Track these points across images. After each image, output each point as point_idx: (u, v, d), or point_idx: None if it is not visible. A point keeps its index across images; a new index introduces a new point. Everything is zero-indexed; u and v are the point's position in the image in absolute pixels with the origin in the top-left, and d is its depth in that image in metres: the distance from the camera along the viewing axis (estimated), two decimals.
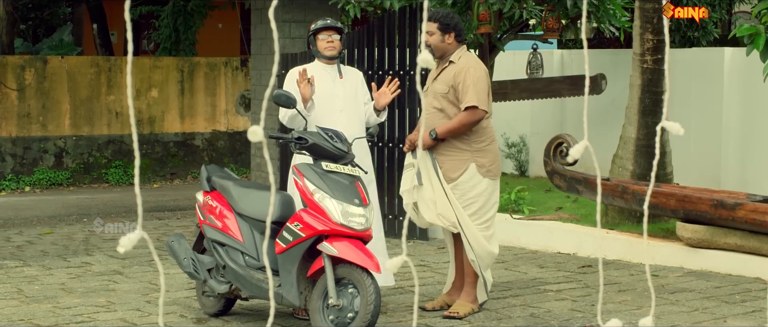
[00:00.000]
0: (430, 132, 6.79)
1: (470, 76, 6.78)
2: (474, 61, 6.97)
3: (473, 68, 6.83)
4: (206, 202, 6.88)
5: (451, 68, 6.89)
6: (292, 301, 6.27)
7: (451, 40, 6.91)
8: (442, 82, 6.90)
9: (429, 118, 6.94)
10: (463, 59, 6.91)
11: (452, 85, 6.83)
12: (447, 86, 6.86)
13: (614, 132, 11.24)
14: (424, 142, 6.83)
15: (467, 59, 6.94)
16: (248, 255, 6.58)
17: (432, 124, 6.89)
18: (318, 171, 6.33)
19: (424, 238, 10.16)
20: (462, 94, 6.78)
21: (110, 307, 7.37)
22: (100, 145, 15.54)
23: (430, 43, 6.88)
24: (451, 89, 6.84)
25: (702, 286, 7.91)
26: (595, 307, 7.26)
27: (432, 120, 6.90)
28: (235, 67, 16.52)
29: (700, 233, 8.49)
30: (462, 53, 6.95)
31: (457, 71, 6.83)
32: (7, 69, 14.80)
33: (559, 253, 9.45)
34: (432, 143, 6.83)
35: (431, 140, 6.81)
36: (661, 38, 9.63)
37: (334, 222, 6.14)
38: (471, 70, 6.80)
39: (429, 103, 6.95)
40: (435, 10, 7.14)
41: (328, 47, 7.12)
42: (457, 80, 6.81)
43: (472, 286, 6.98)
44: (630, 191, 8.99)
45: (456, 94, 6.83)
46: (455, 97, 6.84)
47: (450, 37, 6.90)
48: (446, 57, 6.93)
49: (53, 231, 11.04)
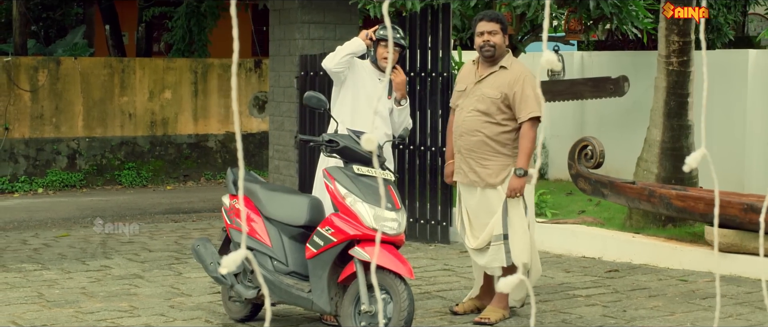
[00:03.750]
0: (517, 171, 6.62)
1: (529, 85, 6.67)
2: (527, 68, 6.92)
3: (530, 77, 6.75)
4: (233, 206, 6.76)
5: (503, 74, 6.78)
6: (322, 307, 6.15)
7: (507, 42, 6.90)
8: (492, 87, 6.78)
9: (469, 121, 6.82)
10: (516, 66, 6.84)
11: (506, 92, 6.71)
12: (500, 92, 6.73)
13: (637, 134, 11.11)
14: (517, 187, 6.63)
15: (520, 66, 6.87)
16: (277, 260, 6.46)
17: (475, 126, 6.78)
18: (349, 174, 6.21)
19: (446, 242, 10.03)
20: (522, 103, 6.67)
21: (133, 311, 7.26)
22: (113, 147, 15.44)
23: (495, 43, 6.79)
24: (503, 96, 6.72)
25: (733, 292, 7.78)
26: (626, 312, 7.14)
27: (476, 123, 6.78)
28: (249, 69, 16.42)
29: (730, 238, 8.36)
30: (512, 59, 6.89)
31: (513, 79, 6.72)
32: (20, 70, 14.70)
33: (583, 257, 9.32)
34: (523, 181, 6.65)
35: (522, 178, 6.64)
36: (687, 40, 9.50)
37: (367, 226, 6.02)
38: (529, 79, 6.71)
39: (469, 106, 6.83)
40: (488, 10, 7.08)
41: (385, 59, 7.20)
42: (514, 89, 6.69)
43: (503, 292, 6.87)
44: (657, 195, 8.86)
45: (508, 102, 6.71)
46: (507, 104, 6.72)
47: (506, 39, 6.89)
48: (497, 61, 6.84)
49: (69, 233, 10.93)
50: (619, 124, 12.34)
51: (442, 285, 8.16)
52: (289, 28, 11.46)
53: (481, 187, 6.81)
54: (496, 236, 6.74)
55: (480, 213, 6.84)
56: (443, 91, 9.89)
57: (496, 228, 6.74)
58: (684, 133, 9.62)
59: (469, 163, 6.85)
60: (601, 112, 12.89)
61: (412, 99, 9.41)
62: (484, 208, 6.82)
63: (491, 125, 6.75)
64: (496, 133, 6.75)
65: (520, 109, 6.70)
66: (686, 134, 9.64)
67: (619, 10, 10.75)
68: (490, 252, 6.78)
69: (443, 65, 9.99)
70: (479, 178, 6.80)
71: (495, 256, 6.75)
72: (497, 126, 6.75)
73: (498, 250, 6.73)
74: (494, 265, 6.79)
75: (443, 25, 9.95)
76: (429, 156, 10.12)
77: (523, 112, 6.69)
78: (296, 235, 6.47)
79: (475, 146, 6.81)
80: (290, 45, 11.47)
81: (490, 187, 6.76)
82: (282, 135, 11.71)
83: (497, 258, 6.74)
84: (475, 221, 6.89)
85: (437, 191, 10.07)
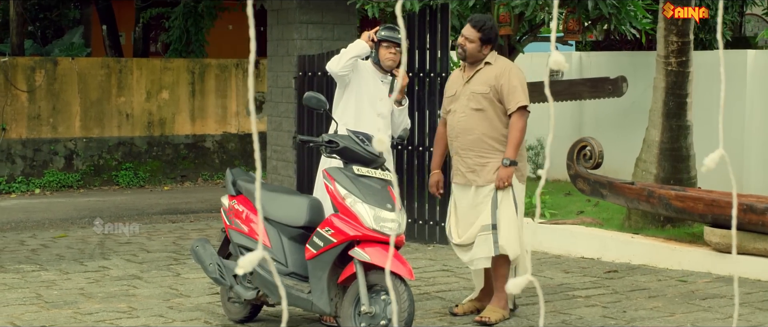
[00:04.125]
0: (504, 161, 6.68)
1: (515, 77, 6.82)
2: (510, 62, 7.10)
3: (515, 68, 6.95)
4: (232, 207, 6.74)
5: (488, 69, 6.88)
6: (322, 308, 6.14)
7: (487, 52, 6.94)
8: (480, 83, 6.85)
9: (464, 121, 6.86)
10: (501, 61, 6.99)
11: (494, 85, 6.81)
12: (487, 87, 6.82)
13: (635, 134, 11.11)
14: (505, 176, 6.67)
15: (505, 60, 7.07)
16: (276, 260, 6.44)
17: (470, 125, 6.82)
18: (349, 175, 6.20)
19: (445, 242, 10.00)
20: (509, 95, 6.76)
21: (132, 312, 7.24)
22: (110, 147, 15.41)
23: (467, 49, 6.86)
24: (492, 89, 6.81)
25: (733, 292, 7.76)
26: (626, 313, 7.13)
27: (470, 121, 6.82)
28: (246, 69, 16.39)
29: (729, 238, 8.35)
30: (495, 56, 6.98)
31: (498, 72, 6.83)
32: (17, 70, 14.67)
33: (582, 258, 9.31)
34: (511, 171, 6.69)
35: (508, 168, 6.68)
36: (686, 40, 9.50)
37: (366, 227, 6.00)
38: (514, 71, 6.89)
39: (462, 107, 6.88)
40: (478, 17, 7.04)
41: (390, 58, 7.18)
42: (500, 81, 6.79)
43: (503, 291, 6.85)
44: (656, 195, 8.86)
45: (498, 95, 6.79)
46: (498, 98, 6.80)
47: (487, 49, 6.93)
48: (480, 60, 6.91)
49: (67, 234, 10.90)
50: (617, 125, 12.33)
51: (442, 286, 8.15)
52: (287, 28, 11.44)
53: (476, 185, 6.81)
54: (485, 226, 6.71)
55: (470, 211, 6.84)
56: (442, 91, 9.84)
57: (484, 218, 6.72)
58: (683, 134, 9.62)
59: (467, 163, 6.85)
60: (599, 113, 12.88)
61: (410, 99, 9.41)
62: (474, 206, 6.81)
63: (485, 122, 6.81)
64: (491, 129, 6.79)
65: (508, 100, 6.79)
66: (685, 134, 9.63)
67: (617, 10, 10.72)
68: (477, 243, 6.74)
69: (442, 65, 9.98)
70: (477, 177, 6.80)
71: (482, 246, 6.71)
72: (491, 122, 6.80)
73: (485, 239, 6.70)
74: (480, 255, 6.75)
75: (442, 25, 9.94)
76: (427, 156, 10.10)
77: (511, 102, 6.78)
78: (296, 235, 6.46)
79: (471, 144, 6.82)
80: (288, 45, 11.45)
81: (489, 183, 6.75)
82: (280, 135, 11.69)
83: (484, 248, 6.70)
84: (463, 220, 6.89)
85: None
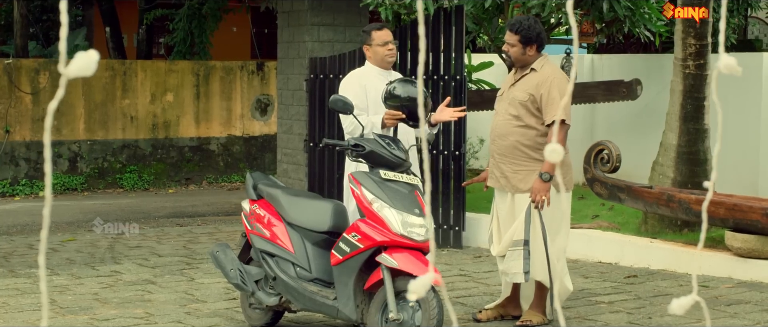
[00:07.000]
0: (542, 175, 6.45)
1: (556, 88, 6.55)
2: (558, 71, 6.79)
3: (558, 79, 6.62)
4: (253, 211, 6.62)
5: (532, 76, 6.68)
6: (348, 315, 6.02)
7: (533, 52, 6.70)
8: (521, 90, 6.68)
9: (501, 125, 6.73)
10: (547, 68, 6.70)
11: (533, 94, 6.60)
12: (527, 94, 6.63)
13: (649, 138, 11.02)
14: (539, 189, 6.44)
15: (551, 69, 6.74)
16: (300, 266, 6.32)
17: (507, 130, 6.69)
18: (376, 179, 6.07)
19: (459, 247, 9.91)
20: (548, 106, 6.55)
21: (149, 318, 7.12)
22: (114, 150, 15.29)
23: (511, 54, 6.69)
24: (531, 97, 6.61)
25: (757, 298, 7.67)
26: (651, 319, 7.03)
27: (507, 127, 6.69)
28: (251, 71, 16.28)
29: (751, 243, 8.26)
30: (544, 62, 6.75)
31: (540, 81, 6.61)
32: (21, 72, 14.54)
33: (600, 263, 9.21)
34: (547, 186, 6.47)
35: (545, 183, 6.47)
36: (704, 43, 9.40)
37: (394, 232, 5.88)
38: (556, 81, 6.59)
39: (503, 110, 6.75)
40: (515, 19, 6.90)
41: (389, 54, 6.89)
42: (541, 91, 6.58)
43: (542, 298, 6.76)
44: (676, 199, 8.75)
45: (537, 104, 6.61)
46: (535, 107, 6.61)
47: (532, 50, 6.69)
48: (527, 66, 6.72)
49: (76, 238, 10.78)
50: (630, 128, 12.23)
51: (461, 291, 8.03)
52: (298, 30, 11.32)
53: (511, 192, 6.70)
54: (516, 242, 6.61)
55: (509, 219, 6.72)
56: (456, 94, 9.75)
57: (517, 233, 6.62)
58: (700, 137, 9.52)
59: (501, 168, 6.74)
60: (612, 116, 12.77)
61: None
62: (513, 215, 6.70)
63: (522, 129, 6.64)
64: (526, 137, 6.64)
65: (546, 112, 6.60)
66: (702, 138, 9.53)
67: (632, 12, 10.64)
68: (508, 257, 6.66)
69: (456, 68, 9.87)
70: (509, 184, 6.69)
71: (513, 261, 6.62)
72: (528, 130, 6.64)
73: (517, 255, 6.61)
74: (512, 271, 6.66)
75: (456, 27, 9.83)
76: (441, 160, 10.00)
77: (548, 115, 6.58)
78: (319, 241, 6.34)
79: (506, 151, 6.70)
80: (299, 47, 11.33)
81: (520, 192, 6.64)
82: (291, 138, 11.57)
83: (515, 264, 6.61)
84: (504, 228, 6.77)
85: (450, 196, 9.95)
